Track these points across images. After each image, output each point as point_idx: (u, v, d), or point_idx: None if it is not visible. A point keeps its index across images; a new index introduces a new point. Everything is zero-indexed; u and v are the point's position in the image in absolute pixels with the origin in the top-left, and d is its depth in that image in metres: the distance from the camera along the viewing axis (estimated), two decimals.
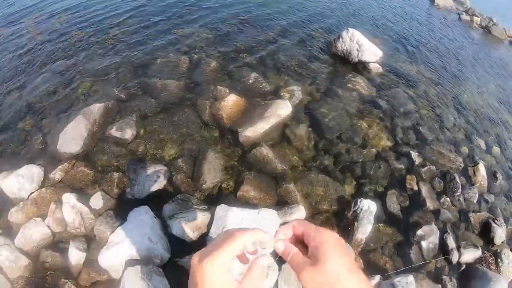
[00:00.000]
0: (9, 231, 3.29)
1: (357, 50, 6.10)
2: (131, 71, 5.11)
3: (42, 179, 3.70)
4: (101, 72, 5.11)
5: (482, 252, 3.88)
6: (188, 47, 5.70)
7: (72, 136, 4.02)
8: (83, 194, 3.56)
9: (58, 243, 3.30)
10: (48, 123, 4.36)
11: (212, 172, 3.80)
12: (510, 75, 8.78)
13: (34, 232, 3.24)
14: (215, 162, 3.90)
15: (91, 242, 3.25)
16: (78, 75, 5.08)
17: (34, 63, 5.39)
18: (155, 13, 6.80)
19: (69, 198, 3.39)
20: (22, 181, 3.57)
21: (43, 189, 3.60)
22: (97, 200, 3.49)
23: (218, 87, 4.79)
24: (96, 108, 4.30)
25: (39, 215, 3.42)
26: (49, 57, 5.51)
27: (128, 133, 4.07)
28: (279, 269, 2.98)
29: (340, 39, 6.24)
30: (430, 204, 4.14)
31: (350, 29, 6.27)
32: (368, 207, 3.60)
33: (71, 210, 3.34)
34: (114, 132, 4.08)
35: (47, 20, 6.65)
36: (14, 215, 3.37)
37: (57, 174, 3.72)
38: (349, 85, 5.50)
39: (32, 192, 3.55)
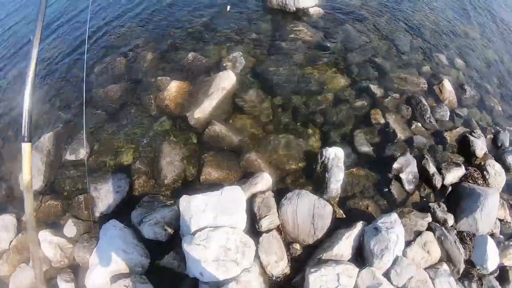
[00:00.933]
0: (2, 285, 3.33)
1: None
2: (71, 88, 4.90)
3: (16, 225, 3.67)
4: (43, 98, 4.89)
5: (465, 168, 3.74)
6: (122, 47, 5.40)
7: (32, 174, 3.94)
8: (56, 226, 3.52)
9: (48, 281, 3.29)
10: (6, 168, 4.23)
11: (171, 165, 3.72)
12: None
13: (23, 279, 3.27)
14: (172, 154, 3.81)
15: (76, 270, 3.26)
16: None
17: None
18: (77, 24, 6.33)
19: (44, 235, 3.36)
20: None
21: (20, 235, 3.59)
22: (70, 228, 3.46)
23: (159, 77, 4.61)
24: (47, 139, 4.18)
25: (24, 261, 3.44)
26: None
27: (82, 153, 3.96)
28: (257, 243, 2.96)
29: None
30: (401, 134, 4.00)
31: None
32: (335, 154, 3.49)
33: (50, 246, 3.34)
34: (68, 156, 3.99)
35: None
36: (1, 268, 3.40)
37: None
38: (292, 36, 5.24)
39: (11, 241, 3.56)
